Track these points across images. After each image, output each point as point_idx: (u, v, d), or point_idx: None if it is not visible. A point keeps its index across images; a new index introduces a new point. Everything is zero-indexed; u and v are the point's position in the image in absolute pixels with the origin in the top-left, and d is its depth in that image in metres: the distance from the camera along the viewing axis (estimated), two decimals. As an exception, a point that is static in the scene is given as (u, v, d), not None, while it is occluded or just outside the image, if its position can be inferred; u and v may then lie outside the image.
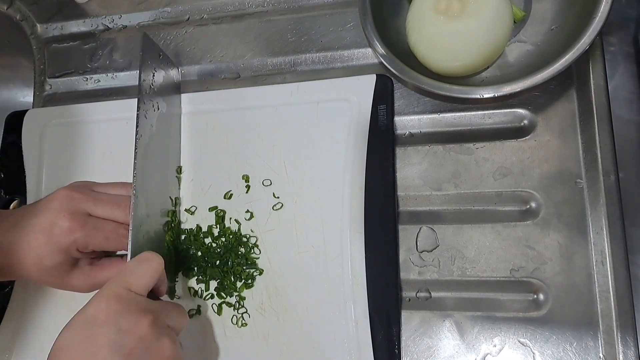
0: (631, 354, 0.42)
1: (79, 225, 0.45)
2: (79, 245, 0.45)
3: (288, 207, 0.51)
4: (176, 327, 0.42)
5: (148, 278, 0.42)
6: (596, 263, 0.45)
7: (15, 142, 0.61)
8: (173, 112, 0.56)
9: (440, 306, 0.47)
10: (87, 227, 0.46)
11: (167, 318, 0.41)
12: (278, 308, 0.49)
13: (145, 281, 0.41)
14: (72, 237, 0.45)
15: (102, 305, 0.38)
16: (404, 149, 0.52)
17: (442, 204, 0.50)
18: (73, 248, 0.45)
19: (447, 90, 0.46)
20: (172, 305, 0.43)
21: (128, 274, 0.41)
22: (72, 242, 0.45)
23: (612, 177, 0.46)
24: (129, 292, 0.40)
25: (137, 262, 0.43)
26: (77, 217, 0.46)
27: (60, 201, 0.46)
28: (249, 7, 0.60)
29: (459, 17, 0.45)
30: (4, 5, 0.69)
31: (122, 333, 0.37)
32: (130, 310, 0.38)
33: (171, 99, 0.56)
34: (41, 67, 0.66)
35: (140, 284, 0.41)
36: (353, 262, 0.48)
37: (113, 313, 0.38)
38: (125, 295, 0.39)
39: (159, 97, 0.53)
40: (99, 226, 0.46)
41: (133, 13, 0.64)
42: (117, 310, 0.38)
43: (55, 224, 0.45)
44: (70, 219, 0.45)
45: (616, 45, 0.49)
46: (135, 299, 0.40)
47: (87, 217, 0.46)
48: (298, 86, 0.54)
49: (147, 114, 0.50)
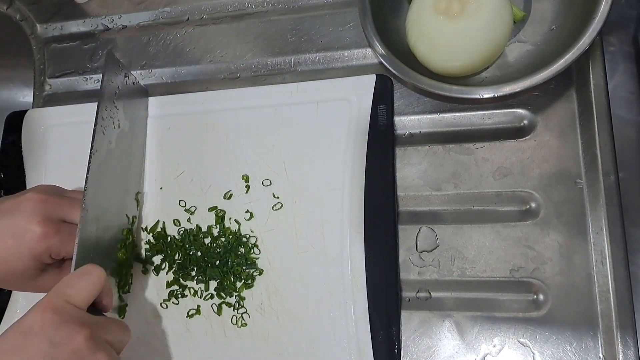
0: (631, 354, 0.42)
1: (53, 231, 0.44)
2: (52, 252, 0.45)
3: (288, 207, 0.51)
4: (116, 344, 0.41)
5: (87, 291, 0.41)
6: (596, 263, 0.45)
7: (15, 142, 0.61)
8: (137, 132, 0.56)
9: (440, 306, 0.47)
10: (62, 233, 0.45)
11: (106, 333, 0.40)
12: (278, 308, 0.49)
13: (84, 294, 0.40)
14: (46, 244, 0.44)
15: (37, 316, 0.37)
16: (404, 149, 0.52)
17: (441, 204, 0.50)
18: (46, 255, 0.44)
19: (447, 90, 0.46)
20: (113, 322, 0.42)
21: (67, 286, 0.40)
22: (45, 249, 0.44)
23: (612, 177, 0.46)
24: (67, 304, 0.39)
25: (77, 275, 0.41)
26: (51, 223, 0.45)
27: (33, 205, 0.45)
28: (249, 7, 0.60)
29: (458, 17, 0.45)
30: (4, 5, 0.69)
31: (55, 345, 0.36)
32: (66, 322, 0.37)
33: (136, 118, 0.56)
34: (41, 67, 0.66)
35: (79, 296, 0.40)
36: (353, 262, 0.48)
37: (48, 324, 0.37)
38: (62, 307, 0.38)
39: (122, 116, 0.52)
40: (72, 232, 0.45)
41: (133, 13, 0.64)
42: (52, 321, 0.37)
43: (28, 229, 0.44)
44: (45, 225, 0.44)
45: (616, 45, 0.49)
46: (73, 311, 0.39)
47: (61, 224, 0.45)
48: (298, 86, 0.54)
49: (106, 131, 0.50)
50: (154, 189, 0.55)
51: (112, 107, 0.51)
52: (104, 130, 0.49)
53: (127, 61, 0.63)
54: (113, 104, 0.52)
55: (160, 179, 0.55)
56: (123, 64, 0.55)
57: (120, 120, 0.52)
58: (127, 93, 0.55)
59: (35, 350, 0.36)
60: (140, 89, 0.58)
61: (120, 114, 0.52)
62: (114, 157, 0.51)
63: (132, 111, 0.55)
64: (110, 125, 0.51)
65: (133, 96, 0.56)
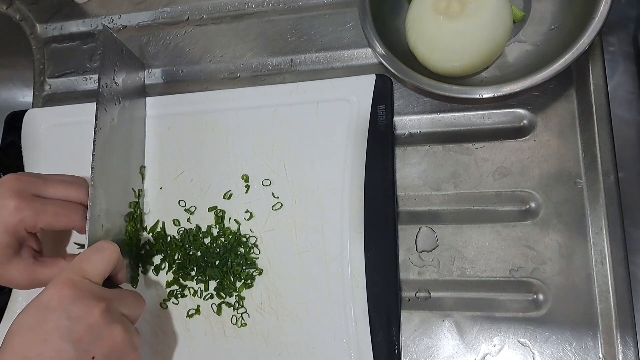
0: (631, 353, 0.42)
1: (26, 203, 0.45)
2: (26, 225, 0.45)
3: (288, 207, 0.51)
4: (131, 315, 0.43)
5: (103, 266, 0.42)
6: (596, 263, 0.45)
7: (14, 142, 0.61)
8: (136, 107, 0.57)
9: (440, 306, 0.47)
10: (35, 205, 0.46)
11: (122, 306, 0.42)
12: (277, 308, 0.49)
13: (100, 269, 0.42)
14: (19, 215, 0.45)
15: (55, 292, 0.39)
16: (404, 149, 0.52)
17: (441, 204, 0.50)
18: (21, 227, 0.45)
19: (447, 90, 0.46)
20: (128, 293, 0.44)
21: (84, 261, 0.42)
22: (19, 220, 0.45)
23: (612, 177, 0.46)
24: (83, 279, 0.40)
25: (93, 251, 0.43)
26: (24, 196, 0.45)
27: (7, 183, 0.46)
28: (249, 7, 0.60)
29: (458, 17, 0.45)
30: (4, 5, 0.69)
31: (73, 319, 0.38)
32: (83, 297, 0.39)
33: (135, 93, 0.57)
34: (41, 67, 0.66)
35: (95, 271, 0.42)
36: (353, 262, 0.48)
37: (65, 299, 0.38)
38: (79, 282, 0.40)
39: (122, 91, 0.53)
40: (47, 203, 0.46)
41: (132, 13, 0.64)
42: (70, 296, 0.39)
43: (2, 205, 0.45)
44: (17, 197, 0.45)
45: (616, 45, 0.49)
46: (89, 286, 0.40)
47: (35, 197, 0.46)
48: (297, 86, 0.54)
49: (108, 107, 0.51)
50: (154, 189, 0.55)
51: (112, 83, 0.52)
52: (105, 107, 0.50)
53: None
54: (113, 80, 0.52)
55: (160, 179, 0.55)
56: (119, 40, 0.56)
57: (120, 95, 0.53)
58: (125, 68, 0.55)
59: (54, 325, 0.37)
60: (137, 61, 0.59)
61: (120, 89, 0.53)
62: (116, 132, 0.52)
63: (131, 85, 0.56)
64: (112, 102, 0.51)
65: (130, 70, 0.57)
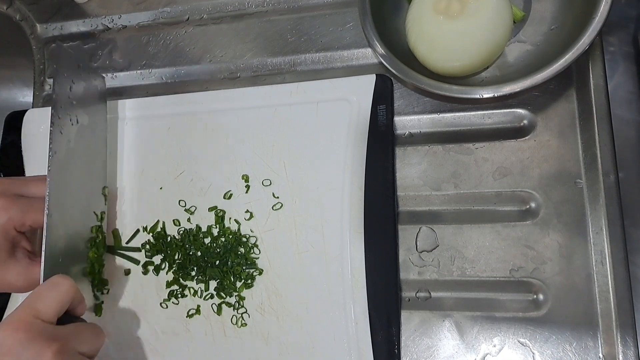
0: (631, 353, 0.42)
1: (11, 202, 0.45)
2: (15, 223, 0.45)
3: (288, 207, 0.51)
4: (89, 351, 0.41)
5: (57, 303, 0.40)
6: (596, 263, 0.45)
7: (14, 142, 0.61)
8: (97, 125, 0.54)
9: (440, 306, 0.47)
10: (20, 203, 0.46)
11: (79, 343, 0.40)
12: (278, 308, 0.49)
13: (53, 307, 0.40)
14: (6, 215, 0.45)
15: (6, 335, 0.37)
16: (404, 149, 0.52)
17: (441, 204, 0.50)
18: (9, 226, 0.45)
19: (447, 90, 0.46)
20: (85, 328, 0.42)
21: (36, 299, 0.40)
22: (7, 220, 0.45)
23: (612, 177, 0.46)
24: (35, 319, 0.39)
25: (46, 288, 0.41)
26: (8, 196, 0.46)
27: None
28: (249, 7, 0.60)
29: (458, 17, 0.45)
30: (4, 5, 0.69)
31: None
32: (35, 339, 0.37)
33: (95, 111, 0.54)
34: (41, 67, 0.66)
35: (49, 310, 0.40)
36: (353, 262, 0.48)
37: (16, 343, 0.37)
38: (30, 322, 0.38)
39: (79, 110, 0.51)
40: (32, 201, 0.47)
41: (132, 13, 0.64)
42: (21, 339, 0.37)
43: None
44: (2, 198, 0.45)
45: (616, 45, 0.49)
46: (41, 327, 0.38)
47: (20, 196, 0.47)
48: (297, 86, 0.54)
49: (63, 130, 0.48)
50: (154, 189, 0.55)
51: (68, 103, 0.50)
52: (61, 129, 0.48)
53: (127, 61, 0.63)
54: (68, 99, 0.50)
55: (160, 179, 0.55)
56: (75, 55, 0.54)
57: (78, 115, 0.51)
58: (82, 85, 0.53)
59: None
60: (96, 77, 0.56)
61: (77, 108, 0.51)
62: (75, 155, 0.50)
63: (90, 103, 0.53)
64: (68, 123, 0.49)
65: (89, 87, 0.54)
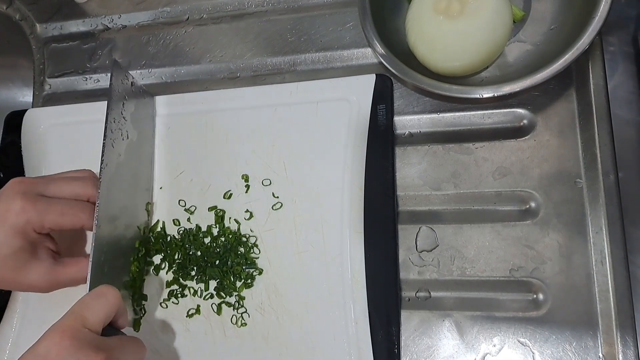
0: (631, 353, 0.42)
1: (31, 204, 0.45)
2: (34, 225, 0.45)
3: (287, 206, 0.51)
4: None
5: (103, 313, 0.41)
6: (595, 263, 0.45)
7: (14, 141, 0.61)
8: (145, 142, 0.55)
9: (440, 306, 0.47)
10: (40, 204, 0.45)
11: (122, 355, 0.40)
12: (277, 308, 0.49)
13: (100, 317, 0.40)
14: (25, 216, 0.44)
15: (53, 343, 0.37)
16: (404, 149, 0.52)
17: (441, 204, 0.50)
18: (29, 228, 0.45)
19: (447, 90, 0.46)
20: (128, 341, 0.43)
21: (83, 308, 0.40)
22: (25, 221, 0.44)
23: (612, 177, 0.46)
24: (83, 328, 0.39)
25: (93, 297, 0.41)
26: (28, 196, 0.45)
27: (11, 188, 0.46)
28: (249, 6, 0.60)
29: (458, 17, 0.45)
30: (4, 5, 0.69)
31: None
32: (82, 348, 0.37)
33: (144, 128, 0.55)
34: (40, 66, 0.66)
35: (95, 319, 0.40)
36: (352, 261, 0.48)
37: (64, 351, 0.37)
38: (78, 332, 0.38)
39: (130, 126, 0.52)
40: (52, 202, 0.46)
41: (132, 13, 0.64)
42: (68, 348, 0.37)
43: (8, 209, 0.44)
44: (22, 199, 0.45)
45: (615, 45, 0.49)
46: (88, 336, 0.39)
47: (40, 197, 0.46)
48: (297, 86, 0.54)
49: (115, 143, 0.49)
50: (154, 189, 0.55)
51: (120, 117, 0.51)
52: (113, 142, 0.49)
53: (127, 61, 0.63)
54: (121, 114, 0.51)
55: (160, 179, 0.55)
56: (129, 73, 0.54)
57: (128, 130, 0.51)
58: (133, 102, 0.54)
59: None
60: (146, 96, 0.57)
61: (128, 124, 0.52)
62: (123, 169, 0.50)
63: (139, 120, 0.54)
64: (119, 137, 0.50)
65: (140, 105, 0.55)
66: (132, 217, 0.52)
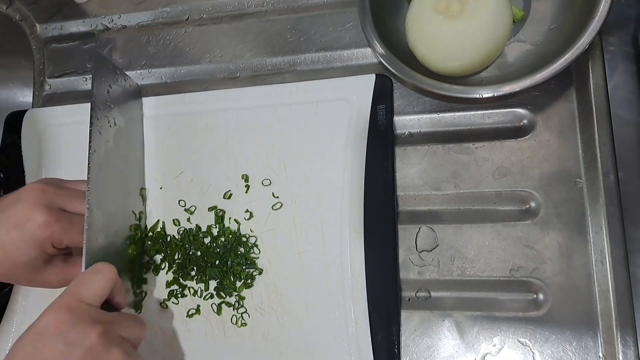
0: (631, 353, 0.42)
1: (55, 219, 0.45)
2: (54, 240, 0.45)
3: (287, 206, 0.51)
4: (132, 339, 0.42)
5: (100, 288, 0.42)
6: (596, 263, 0.45)
7: (14, 142, 0.61)
8: (133, 128, 0.56)
9: (440, 306, 0.47)
10: (63, 221, 0.45)
11: (121, 329, 0.41)
12: (277, 308, 0.49)
13: (97, 291, 0.41)
14: (48, 231, 0.44)
15: (51, 317, 0.38)
16: (404, 149, 0.52)
17: (441, 204, 0.50)
18: (48, 243, 0.45)
19: (447, 90, 0.46)
20: (127, 317, 0.43)
21: (80, 284, 0.41)
22: (48, 236, 0.45)
23: (612, 176, 0.46)
24: (80, 303, 0.40)
25: (89, 273, 0.43)
26: (53, 211, 0.45)
27: (34, 195, 0.45)
28: (248, 7, 0.60)
29: (458, 17, 0.45)
30: (4, 5, 0.69)
31: (70, 344, 0.37)
32: (80, 321, 0.38)
33: (131, 114, 0.56)
34: (40, 67, 0.66)
35: (92, 294, 0.41)
36: (352, 261, 0.48)
37: (62, 324, 0.38)
38: (75, 306, 0.39)
39: (116, 112, 0.52)
40: (74, 221, 0.46)
41: (132, 13, 0.64)
42: (66, 321, 0.38)
43: (29, 218, 0.44)
44: (46, 213, 0.45)
45: (615, 45, 0.49)
46: (86, 309, 0.39)
47: (62, 212, 0.46)
48: (297, 86, 0.54)
49: (102, 130, 0.50)
50: (154, 189, 0.55)
51: (106, 105, 0.51)
52: (100, 129, 0.49)
53: (127, 61, 0.63)
54: (106, 102, 0.51)
55: (160, 179, 0.55)
56: (111, 62, 0.55)
57: (115, 117, 0.52)
58: (119, 90, 0.54)
59: (51, 352, 0.37)
60: (132, 84, 0.58)
61: (114, 111, 0.52)
62: (113, 155, 0.51)
63: (126, 107, 0.55)
64: (106, 124, 0.51)
65: (126, 92, 0.56)
66: (125, 203, 0.52)
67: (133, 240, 0.52)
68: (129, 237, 0.52)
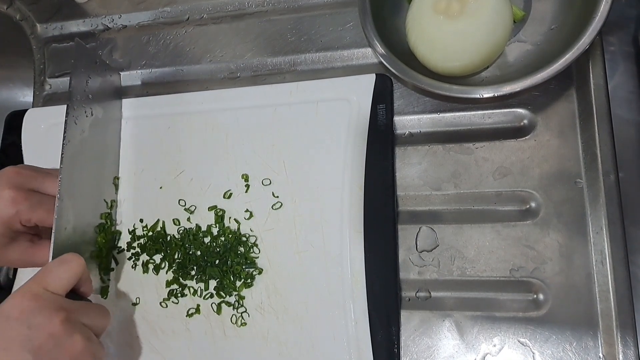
0: (631, 353, 0.42)
1: (22, 197, 0.46)
2: (21, 218, 0.46)
3: (287, 206, 0.51)
4: (95, 327, 0.44)
5: (66, 278, 0.43)
6: (596, 263, 0.45)
7: (14, 142, 0.61)
8: (111, 118, 0.57)
9: (440, 306, 0.47)
10: (31, 199, 0.47)
11: (84, 317, 0.43)
12: (277, 307, 0.49)
13: (62, 281, 0.43)
14: (14, 208, 0.46)
15: (16, 302, 0.40)
16: (404, 149, 0.52)
17: (441, 204, 0.50)
18: (16, 220, 0.46)
19: (447, 90, 0.46)
20: (92, 305, 0.45)
21: (46, 273, 0.43)
22: (15, 213, 0.46)
23: (612, 176, 0.46)
24: (45, 291, 0.41)
25: (56, 263, 0.44)
26: (22, 190, 0.47)
27: (7, 175, 0.47)
28: (249, 6, 0.60)
29: (458, 17, 0.45)
30: (4, 5, 0.69)
31: (33, 329, 0.39)
32: (43, 307, 0.40)
33: (110, 105, 0.57)
34: (41, 66, 0.66)
35: (58, 283, 0.42)
36: (352, 261, 0.48)
37: (26, 310, 0.40)
38: (41, 293, 0.41)
39: (95, 103, 0.53)
40: (43, 200, 0.48)
41: (133, 13, 0.64)
42: (31, 307, 0.40)
43: None
44: (14, 190, 0.46)
45: (616, 45, 0.49)
46: (50, 297, 0.41)
47: (32, 192, 0.48)
48: (297, 86, 0.54)
49: (78, 120, 0.51)
50: (154, 189, 0.55)
51: (84, 96, 0.52)
52: (75, 120, 0.50)
53: (127, 61, 0.63)
54: (84, 92, 0.52)
55: (160, 178, 0.55)
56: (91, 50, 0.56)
57: (92, 107, 0.53)
58: (98, 79, 0.55)
59: (14, 334, 0.39)
60: (112, 72, 0.59)
61: (92, 101, 0.53)
62: (88, 144, 0.52)
63: (104, 96, 0.56)
64: (83, 115, 0.51)
65: (105, 82, 0.57)
66: (98, 191, 0.53)
67: (102, 229, 0.53)
68: (99, 225, 0.53)
